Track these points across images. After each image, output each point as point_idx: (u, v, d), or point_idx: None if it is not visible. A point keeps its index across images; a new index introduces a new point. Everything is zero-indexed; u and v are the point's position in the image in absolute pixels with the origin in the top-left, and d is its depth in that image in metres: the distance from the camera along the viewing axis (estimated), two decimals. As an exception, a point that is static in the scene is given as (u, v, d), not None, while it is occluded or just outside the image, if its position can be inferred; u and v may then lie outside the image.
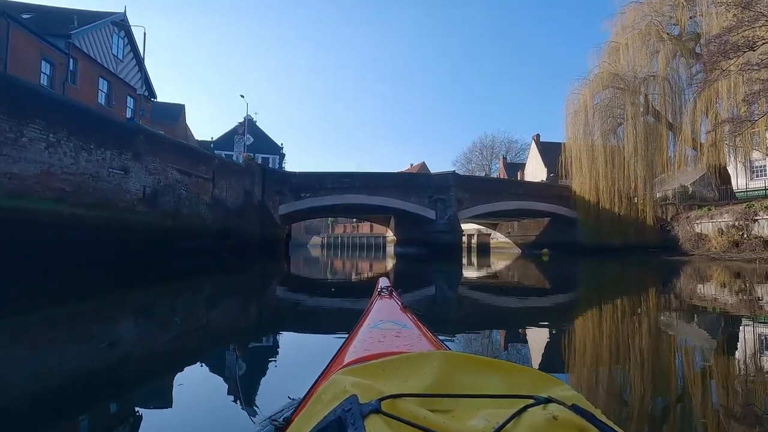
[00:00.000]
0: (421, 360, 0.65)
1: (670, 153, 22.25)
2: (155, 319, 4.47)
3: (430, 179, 24.27)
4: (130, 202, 11.23)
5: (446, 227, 23.59)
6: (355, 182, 23.59)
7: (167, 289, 7.12)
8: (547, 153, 38.85)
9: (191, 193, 13.93)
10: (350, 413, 0.47)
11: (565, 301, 6.53)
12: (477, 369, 0.63)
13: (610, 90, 23.40)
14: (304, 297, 6.63)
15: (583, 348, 3.15)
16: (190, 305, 5.59)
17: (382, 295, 1.56)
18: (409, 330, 1.04)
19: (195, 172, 14.21)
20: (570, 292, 8.16)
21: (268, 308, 5.54)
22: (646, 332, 3.71)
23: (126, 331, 3.88)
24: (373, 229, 52.87)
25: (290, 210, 22.98)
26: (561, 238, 28.02)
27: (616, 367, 2.65)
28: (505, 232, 35.96)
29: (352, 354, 0.86)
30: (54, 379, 2.38)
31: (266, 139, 34.73)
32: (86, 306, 5.13)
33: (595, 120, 23.40)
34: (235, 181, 17.34)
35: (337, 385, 0.56)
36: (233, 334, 3.69)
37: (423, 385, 0.59)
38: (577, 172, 24.72)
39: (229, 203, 16.69)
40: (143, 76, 23.11)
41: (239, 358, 2.84)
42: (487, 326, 4.05)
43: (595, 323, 4.23)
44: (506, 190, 25.95)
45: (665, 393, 2.17)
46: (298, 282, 9.19)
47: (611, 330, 3.78)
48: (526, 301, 6.26)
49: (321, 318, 4.64)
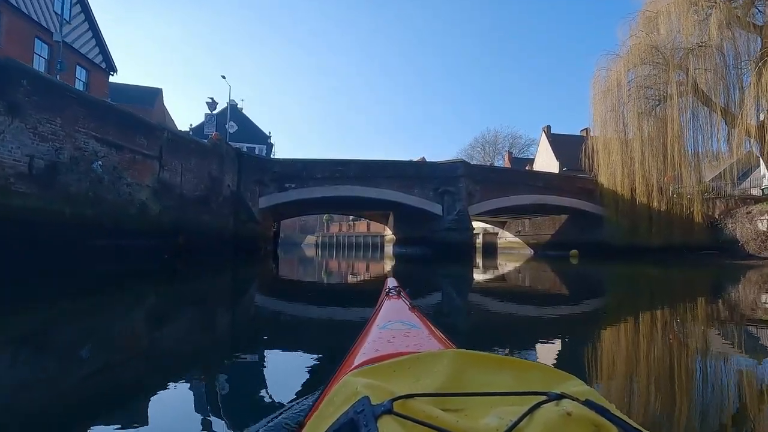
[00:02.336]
0: (432, 359, 0.64)
1: (721, 138, 18.49)
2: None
3: (437, 169, 20.40)
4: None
5: (455, 224, 19.73)
6: (349, 171, 19.70)
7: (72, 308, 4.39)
8: (558, 145, 35.10)
9: (121, 173, 10.00)
10: (363, 414, 0.45)
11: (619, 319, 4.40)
12: (488, 366, 0.62)
13: (648, 66, 19.59)
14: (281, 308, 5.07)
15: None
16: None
17: (390, 296, 1.54)
18: (418, 330, 1.02)
19: (129, 144, 10.28)
20: (623, 307, 5.52)
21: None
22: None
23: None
24: (370, 228, 49.37)
25: (272, 203, 19.07)
26: (583, 238, 24.20)
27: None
28: (514, 231, 32.13)
29: (363, 355, 0.85)
30: None
31: (252, 128, 30.77)
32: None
33: (630, 100, 19.53)
34: (195, 164, 13.42)
35: (349, 387, 0.55)
36: (235, 341, 3.17)
37: (434, 384, 0.57)
38: (605, 161, 20.88)
39: (185, 190, 12.75)
40: (99, 45, 19.14)
41: (248, 363, 2.55)
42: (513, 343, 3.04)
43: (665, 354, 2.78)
44: (523, 183, 22.07)
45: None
46: (276, 289, 7.07)
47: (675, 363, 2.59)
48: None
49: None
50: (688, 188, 18.49)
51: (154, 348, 2.98)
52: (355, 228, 53.44)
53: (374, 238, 44.88)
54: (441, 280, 8.83)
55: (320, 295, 6.40)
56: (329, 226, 58.84)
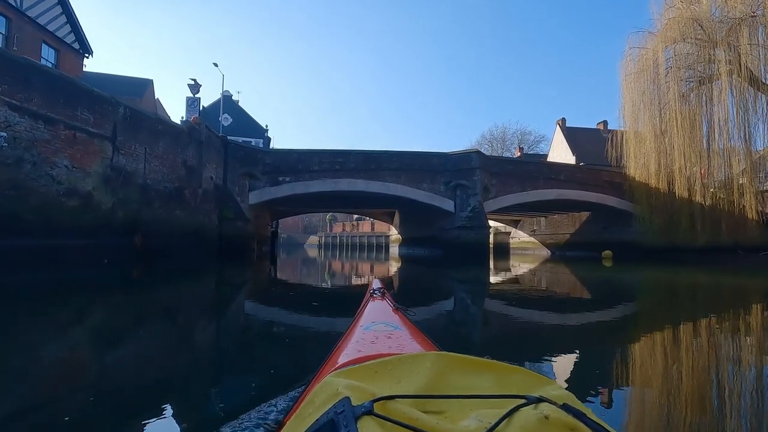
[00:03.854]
0: (414, 361, 0.63)
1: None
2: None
3: (448, 160, 17.98)
4: None
5: (469, 221, 17.31)
6: (350, 163, 17.34)
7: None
8: (575, 139, 32.59)
9: (52, 154, 7.67)
10: (343, 415, 0.45)
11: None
12: (469, 369, 0.61)
13: (688, 44, 17.05)
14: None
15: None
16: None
17: (374, 297, 1.51)
18: (401, 331, 1.01)
19: (66, 118, 7.94)
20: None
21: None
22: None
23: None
24: (374, 228, 47.09)
25: (264, 198, 16.76)
26: (606, 237, 21.70)
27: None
28: (529, 230, 29.61)
29: (345, 356, 0.83)
30: None
31: (248, 120, 28.45)
32: None
33: (669, 80, 16.98)
34: (164, 149, 11.08)
35: (330, 387, 0.54)
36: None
37: (415, 386, 0.57)
38: (637, 151, 18.33)
39: (149, 181, 10.42)
40: (72, 25, 16.90)
41: (228, 360, 2.37)
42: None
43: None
44: (543, 176, 19.55)
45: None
46: (266, 296, 5.83)
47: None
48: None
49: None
50: (738, 180, 15.93)
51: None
52: (359, 228, 51.13)
53: (378, 238, 42.94)
54: (454, 285, 7.31)
55: (313, 299, 5.43)
56: (332, 225, 56.53)
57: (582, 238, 24.13)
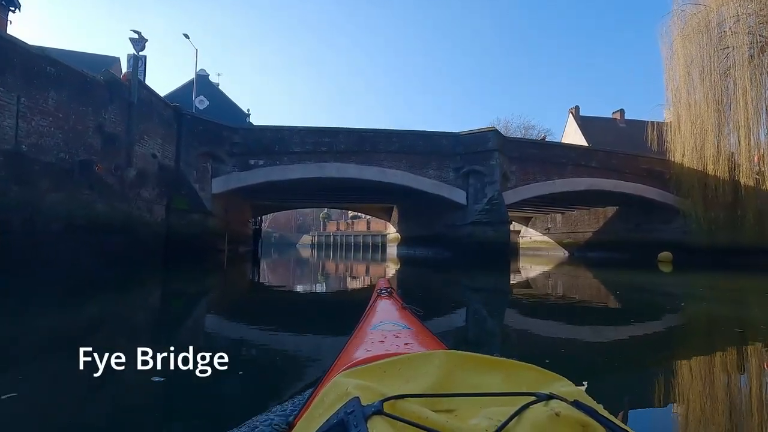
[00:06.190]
0: (423, 360, 0.62)
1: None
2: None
3: (459, 141, 14.42)
4: None
5: (486, 216, 13.76)
6: (339, 144, 13.73)
7: None
8: (589, 129, 29.12)
9: None
10: (353, 415, 0.45)
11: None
12: (478, 367, 0.60)
13: (754, 1, 13.62)
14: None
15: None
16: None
17: (381, 296, 1.49)
18: (409, 330, 0.99)
19: None
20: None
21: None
22: None
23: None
24: (370, 226, 43.50)
25: (231, 186, 13.10)
26: (641, 236, 18.20)
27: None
28: (542, 228, 26.09)
29: (354, 356, 0.82)
30: None
31: (227, 104, 24.71)
32: None
33: (736, 40, 13.50)
34: (61, 104, 7.43)
35: (340, 388, 0.54)
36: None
37: (425, 385, 0.56)
38: (687, 133, 14.86)
39: (27, 147, 6.78)
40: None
41: (239, 359, 2.27)
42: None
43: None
44: (573, 161, 15.99)
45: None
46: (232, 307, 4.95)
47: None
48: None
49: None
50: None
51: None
52: (354, 227, 47.52)
53: (375, 237, 39.44)
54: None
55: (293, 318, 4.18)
56: (326, 224, 52.88)
57: (607, 237, 20.62)
